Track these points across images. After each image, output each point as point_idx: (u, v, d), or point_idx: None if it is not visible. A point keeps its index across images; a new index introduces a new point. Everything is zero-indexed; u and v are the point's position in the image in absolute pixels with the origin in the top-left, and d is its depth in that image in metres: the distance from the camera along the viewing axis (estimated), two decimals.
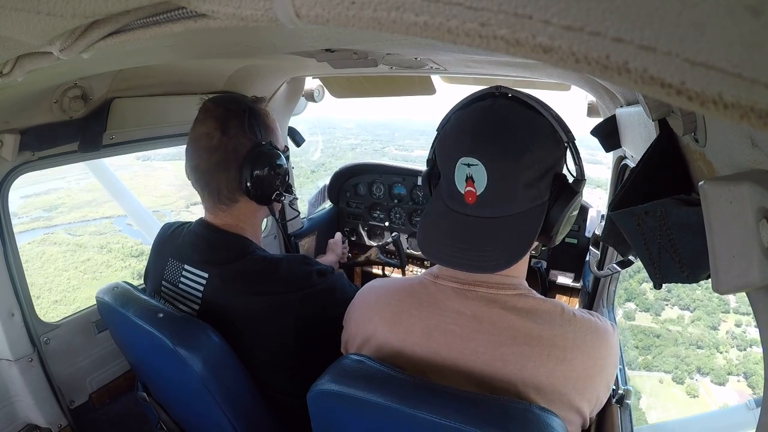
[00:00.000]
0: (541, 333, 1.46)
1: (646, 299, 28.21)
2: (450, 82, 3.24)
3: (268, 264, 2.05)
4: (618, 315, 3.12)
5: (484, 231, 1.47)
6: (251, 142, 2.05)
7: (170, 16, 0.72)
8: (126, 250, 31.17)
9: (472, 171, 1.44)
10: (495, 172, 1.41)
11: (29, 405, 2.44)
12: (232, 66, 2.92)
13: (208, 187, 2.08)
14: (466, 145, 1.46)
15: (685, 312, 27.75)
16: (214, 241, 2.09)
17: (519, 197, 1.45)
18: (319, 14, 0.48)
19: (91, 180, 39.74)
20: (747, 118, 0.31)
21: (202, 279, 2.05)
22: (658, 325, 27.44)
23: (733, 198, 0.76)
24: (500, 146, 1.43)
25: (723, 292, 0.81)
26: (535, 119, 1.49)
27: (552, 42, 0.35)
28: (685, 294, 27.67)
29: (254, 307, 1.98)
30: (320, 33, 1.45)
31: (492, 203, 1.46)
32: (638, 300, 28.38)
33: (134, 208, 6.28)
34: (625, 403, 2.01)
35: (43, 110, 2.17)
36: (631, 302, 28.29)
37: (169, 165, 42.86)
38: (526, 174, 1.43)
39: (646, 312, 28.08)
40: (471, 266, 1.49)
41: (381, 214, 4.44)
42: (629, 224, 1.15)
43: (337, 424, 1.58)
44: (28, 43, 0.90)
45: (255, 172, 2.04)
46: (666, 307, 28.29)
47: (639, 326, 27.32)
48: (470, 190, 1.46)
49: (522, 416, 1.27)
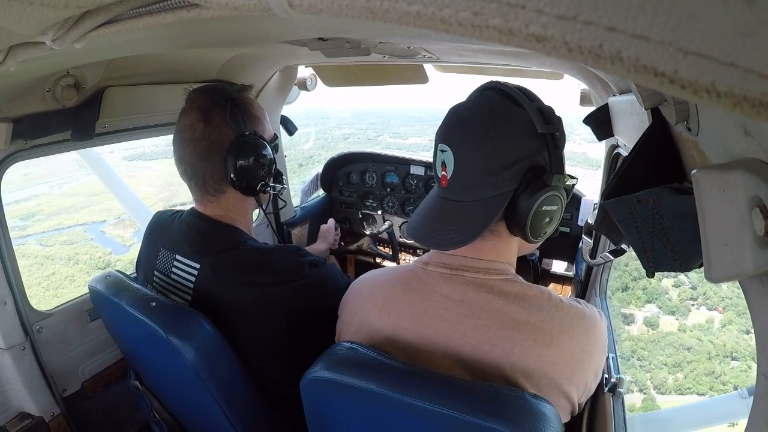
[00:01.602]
0: (528, 318, 1.49)
1: (670, 300, 26.19)
2: (443, 71, 3.24)
3: (260, 255, 2.05)
4: (615, 308, 3.13)
5: (449, 213, 1.56)
6: (234, 132, 2.04)
7: (163, 6, 0.72)
8: (93, 261, 30.79)
9: (444, 157, 1.54)
10: (459, 158, 1.49)
11: (22, 393, 2.44)
12: (225, 55, 2.90)
13: (195, 178, 2.08)
14: (442, 132, 1.57)
15: (714, 313, 25.00)
16: (205, 231, 2.09)
17: (480, 184, 1.49)
18: (312, 3, 0.48)
19: (73, 184, 39.53)
20: (740, 107, 0.31)
21: (194, 269, 2.05)
22: (686, 333, 24.39)
23: (726, 186, 0.76)
24: (465, 134, 1.50)
25: (715, 281, 0.81)
26: (510, 110, 1.50)
27: (545, 31, 0.35)
28: (712, 292, 25.82)
29: (246, 298, 1.99)
30: (313, 22, 1.45)
31: (458, 188, 1.53)
32: (661, 301, 26.26)
33: (131, 202, 6.27)
34: (617, 392, 2.01)
35: (35, 99, 2.16)
36: (653, 304, 26.25)
37: (155, 164, 42.38)
38: (487, 162, 1.47)
39: (671, 315, 25.61)
40: (436, 244, 1.60)
41: (374, 202, 4.44)
42: (622, 213, 1.16)
43: (330, 411, 1.59)
44: (20, 33, 0.89)
45: (239, 163, 2.04)
46: (692, 307, 25.99)
47: (666, 336, 24.56)
48: (443, 174, 1.56)
49: (514, 403, 1.28)
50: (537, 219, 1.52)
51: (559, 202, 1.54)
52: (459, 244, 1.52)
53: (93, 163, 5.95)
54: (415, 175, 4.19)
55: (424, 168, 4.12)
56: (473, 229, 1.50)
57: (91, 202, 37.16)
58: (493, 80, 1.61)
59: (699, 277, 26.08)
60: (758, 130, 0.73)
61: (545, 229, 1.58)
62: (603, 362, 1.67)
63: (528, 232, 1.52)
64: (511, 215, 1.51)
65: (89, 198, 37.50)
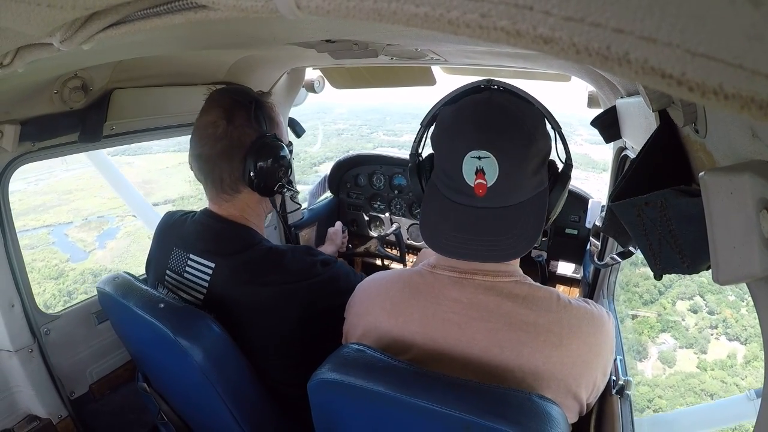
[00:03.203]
0: (536, 319, 1.48)
1: (687, 330, 24.18)
2: (450, 73, 3.23)
3: (274, 255, 2.06)
4: (619, 307, 3.12)
5: (497, 221, 1.48)
6: (256, 133, 2.06)
7: (170, 8, 0.72)
8: (48, 270, 29.33)
9: (483, 164, 1.44)
10: (506, 163, 1.43)
11: (29, 396, 2.44)
12: (233, 57, 2.91)
13: (211, 175, 2.09)
14: (474, 138, 1.46)
15: (735, 345, 23.20)
16: (220, 231, 2.10)
17: (526, 185, 1.48)
18: (320, 5, 0.48)
19: (50, 180, 38.77)
20: (747, 109, 0.31)
21: (209, 269, 2.05)
22: (708, 373, 22.03)
23: (734, 189, 0.76)
24: (510, 138, 1.44)
25: (723, 283, 0.81)
26: (531, 110, 1.52)
27: (552, 33, 0.35)
28: (733, 319, 23.97)
29: (261, 297, 2.00)
30: (321, 24, 1.45)
31: (503, 193, 1.47)
32: (677, 330, 24.19)
33: (137, 202, 6.28)
34: (625, 394, 2.01)
35: (43, 101, 2.17)
36: (668, 333, 24.18)
37: (137, 160, 41.66)
38: (532, 163, 1.46)
39: (689, 348, 23.60)
40: (487, 256, 1.51)
41: (381, 204, 4.44)
42: (630, 215, 1.16)
43: (338, 413, 1.59)
44: (28, 35, 0.90)
45: (258, 163, 2.05)
46: (712, 337, 24.00)
47: (686, 379, 21.86)
48: (480, 182, 1.46)
49: (521, 404, 1.28)
50: (558, 209, 1.57)
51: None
52: (522, 251, 1.50)
53: (99, 163, 5.96)
54: None
55: None
56: (530, 234, 1.48)
57: (63, 200, 36.32)
58: (487, 78, 1.61)
59: (717, 300, 24.89)
60: (766, 132, 0.73)
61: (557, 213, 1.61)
62: (611, 362, 1.67)
63: (550, 221, 1.56)
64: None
65: (62, 196, 36.67)
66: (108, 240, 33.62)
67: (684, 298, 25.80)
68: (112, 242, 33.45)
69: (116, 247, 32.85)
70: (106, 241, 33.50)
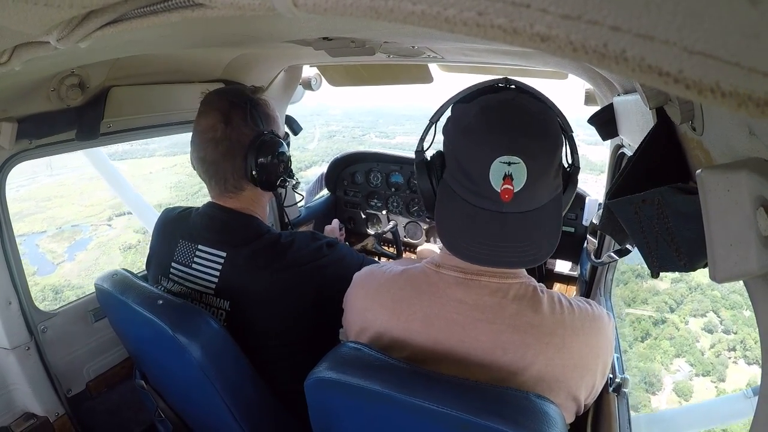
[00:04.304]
0: (540, 322, 1.48)
1: (703, 354, 22.57)
2: (447, 70, 3.24)
3: (284, 241, 2.12)
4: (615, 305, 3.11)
5: (523, 226, 1.46)
6: (254, 132, 2.11)
7: (167, 6, 0.72)
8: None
9: (512, 169, 1.40)
10: (534, 168, 1.40)
11: (26, 393, 2.45)
12: (230, 54, 2.91)
13: (215, 176, 2.14)
14: (504, 143, 1.42)
15: (755, 368, 20.68)
16: (228, 221, 2.14)
17: (547, 191, 1.47)
18: (317, 3, 0.48)
19: (31, 187, 37.92)
20: (744, 107, 0.31)
21: (220, 258, 2.09)
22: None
23: (731, 186, 0.76)
24: (539, 144, 1.42)
25: (720, 281, 0.81)
26: (550, 114, 1.51)
27: (549, 31, 0.35)
28: (752, 340, 22.05)
29: (276, 283, 2.04)
30: (317, 21, 1.45)
31: (528, 198, 1.44)
32: (692, 355, 22.39)
33: (135, 202, 6.28)
34: (622, 392, 2.01)
35: (40, 98, 2.17)
36: (683, 358, 22.48)
37: (122, 165, 39.90)
38: (554, 168, 1.46)
39: (706, 377, 21.86)
40: (515, 262, 1.50)
41: (378, 202, 4.45)
42: (627, 213, 1.16)
43: (335, 412, 1.59)
44: (25, 33, 0.90)
45: (259, 160, 2.11)
46: (730, 361, 22.34)
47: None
48: (507, 187, 1.42)
49: (519, 403, 1.28)
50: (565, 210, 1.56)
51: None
52: (547, 254, 1.48)
53: (97, 162, 5.96)
54: None
55: None
56: (551, 239, 1.48)
57: (40, 208, 35.37)
58: (506, 78, 1.58)
59: (733, 317, 23.88)
60: (763, 129, 0.73)
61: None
62: (610, 363, 1.67)
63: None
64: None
65: (39, 203, 35.73)
66: (78, 251, 32.71)
67: (697, 314, 24.69)
68: (82, 254, 32.53)
69: (85, 260, 31.88)
70: (76, 252, 32.61)
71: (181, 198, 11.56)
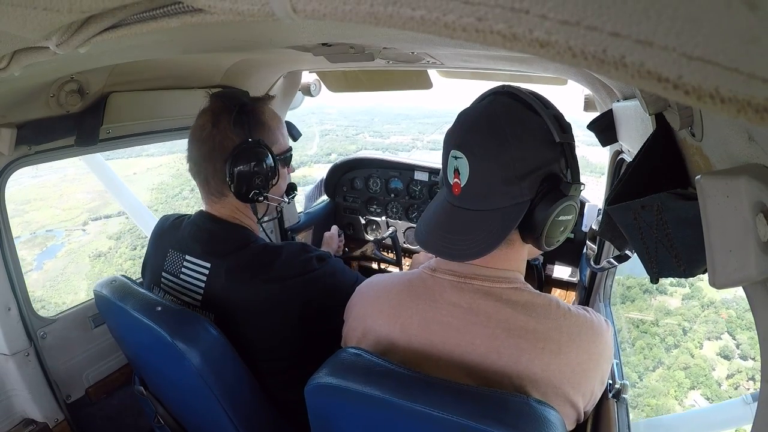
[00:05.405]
0: (536, 326, 1.48)
1: (720, 386, 21.10)
2: (447, 76, 3.24)
3: (269, 252, 2.08)
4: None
5: (464, 222, 1.52)
6: (239, 138, 2.07)
7: (167, 11, 0.72)
8: None
9: (458, 164, 1.49)
10: (476, 166, 1.46)
11: (26, 399, 2.44)
12: (229, 60, 2.91)
13: (199, 176, 2.14)
14: (456, 138, 1.53)
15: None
16: (215, 231, 2.12)
17: (497, 193, 1.47)
18: (316, 9, 0.48)
19: (11, 190, 37.44)
20: (744, 113, 0.31)
21: (205, 269, 2.07)
22: None
23: (730, 192, 0.76)
24: (482, 143, 1.46)
25: (720, 287, 0.81)
26: (527, 118, 1.48)
27: (549, 37, 0.35)
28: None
29: (259, 295, 2.01)
30: (317, 27, 1.46)
31: (473, 196, 1.50)
32: (709, 387, 20.87)
33: (134, 206, 6.28)
34: (621, 398, 2.01)
35: (39, 104, 2.17)
36: (698, 390, 20.83)
37: (110, 164, 39.30)
38: (505, 172, 1.44)
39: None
40: (451, 255, 1.56)
41: (378, 208, 4.45)
42: (626, 218, 1.16)
43: (335, 418, 1.58)
44: (24, 38, 0.90)
45: (236, 168, 2.05)
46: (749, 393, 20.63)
47: None
48: (456, 181, 1.51)
49: (518, 409, 1.28)
50: (553, 228, 1.50)
51: (574, 211, 1.53)
52: (474, 256, 1.50)
53: (96, 167, 5.96)
54: (419, 181, 4.20)
55: (428, 174, 4.13)
56: (489, 241, 1.48)
57: (17, 212, 33.35)
58: (505, 84, 1.60)
59: (750, 340, 22.93)
60: (762, 135, 0.73)
61: (559, 237, 1.56)
62: (609, 371, 1.67)
63: (543, 241, 1.51)
64: (527, 225, 1.49)
65: (17, 207, 33.76)
66: (47, 259, 30.71)
67: (712, 337, 23.22)
68: (50, 262, 30.60)
69: (52, 269, 29.92)
70: (45, 260, 30.56)
71: (160, 201, 11.43)
